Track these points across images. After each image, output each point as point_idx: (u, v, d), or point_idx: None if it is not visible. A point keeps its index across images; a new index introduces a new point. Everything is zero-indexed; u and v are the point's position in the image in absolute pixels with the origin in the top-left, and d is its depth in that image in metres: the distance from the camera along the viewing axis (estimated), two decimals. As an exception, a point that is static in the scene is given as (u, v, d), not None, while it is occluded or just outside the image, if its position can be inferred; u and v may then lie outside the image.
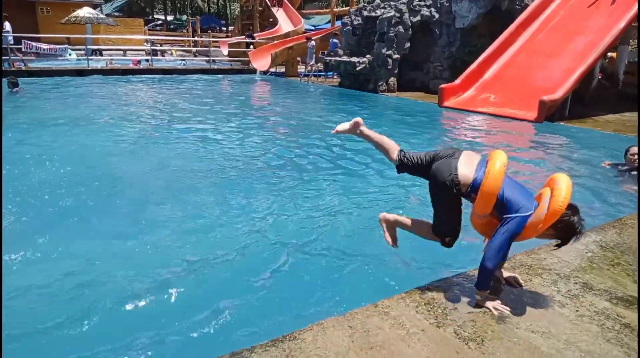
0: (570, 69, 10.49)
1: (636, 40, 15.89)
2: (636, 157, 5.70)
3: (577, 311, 2.43)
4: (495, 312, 2.38)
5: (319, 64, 18.94)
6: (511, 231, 2.36)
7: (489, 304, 2.43)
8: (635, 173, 5.65)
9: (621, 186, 5.48)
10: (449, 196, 2.54)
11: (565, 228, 2.34)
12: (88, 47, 20.49)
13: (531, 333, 2.23)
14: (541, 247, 3.20)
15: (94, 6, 29.11)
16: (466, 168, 2.52)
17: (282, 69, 21.23)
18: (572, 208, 2.34)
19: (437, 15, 14.49)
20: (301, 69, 20.39)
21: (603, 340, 2.20)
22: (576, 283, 2.72)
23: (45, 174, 5.43)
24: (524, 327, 2.27)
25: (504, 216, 2.39)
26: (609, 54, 13.87)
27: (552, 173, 6.16)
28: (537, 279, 2.75)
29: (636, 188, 5.29)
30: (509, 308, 2.41)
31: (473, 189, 2.47)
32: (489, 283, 2.45)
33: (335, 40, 18.88)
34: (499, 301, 2.45)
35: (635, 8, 10.75)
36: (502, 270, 2.71)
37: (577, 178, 5.87)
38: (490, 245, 2.40)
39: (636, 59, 14.72)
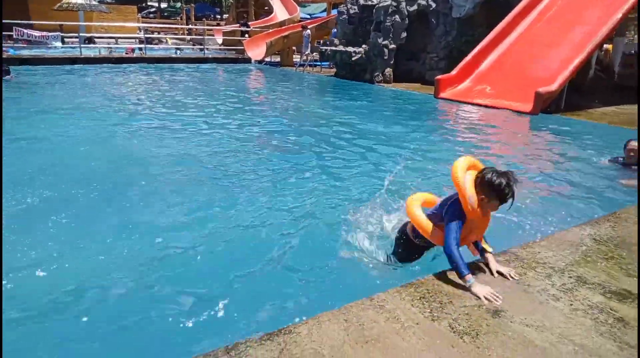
0: (568, 60, 10.46)
1: (632, 32, 15.88)
2: (633, 151, 5.67)
3: (571, 305, 2.44)
4: (486, 302, 2.39)
5: (314, 53, 18.81)
6: (453, 216, 2.61)
7: (481, 293, 2.44)
8: (635, 167, 5.61)
9: (617, 180, 5.48)
10: (403, 243, 3.13)
11: (487, 188, 2.55)
12: (80, 34, 20.21)
13: (526, 327, 2.23)
14: (536, 241, 3.21)
15: (87, -8, 28.70)
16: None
17: (277, 59, 21.09)
18: (485, 169, 2.62)
19: (434, 5, 14.39)
20: (296, 58, 20.26)
21: (596, 333, 2.21)
22: (570, 276, 2.73)
23: (40, 165, 5.38)
24: (519, 321, 2.28)
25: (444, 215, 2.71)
26: (605, 45, 13.86)
27: (545, 165, 6.17)
28: (531, 273, 2.76)
29: (634, 182, 5.29)
30: (501, 298, 2.42)
31: (416, 233, 2.97)
32: (461, 267, 2.51)
33: (335, 30, 18.74)
34: (491, 290, 2.46)
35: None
36: (497, 263, 2.73)
37: (571, 171, 5.89)
38: (445, 234, 2.63)
39: (632, 52, 14.72)
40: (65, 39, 20.32)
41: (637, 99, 10.12)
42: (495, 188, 2.50)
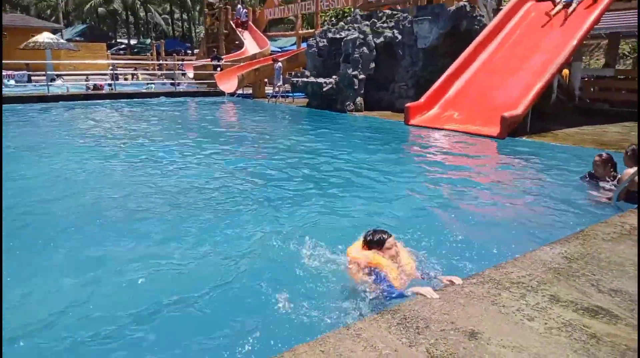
0: (529, 85, 10.89)
1: (587, 57, 16.73)
2: (596, 164, 5.85)
3: (545, 324, 2.46)
4: (428, 296, 2.70)
5: (286, 85, 19.05)
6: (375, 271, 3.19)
7: (423, 291, 2.75)
8: (606, 184, 5.77)
9: (586, 196, 5.63)
10: None
11: (369, 244, 3.31)
12: (48, 73, 20.00)
13: (502, 348, 2.23)
14: (508, 261, 3.25)
15: (54, 31, 28.68)
16: None
17: (250, 91, 21.27)
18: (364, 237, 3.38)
19: (399, 37, 14.86)
20: (269, 90, 20.48)
21: (571, 351, 2.23)
22: (544, 295, 2.76)
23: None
24: (495, 343, 2.28)
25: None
26: (563, 70, 14.52)
27: (514, 185, 6.30)
28: (505, 293, 2.78)
29: (601, 197, 5.45)
30: (437, 296, 2.70)
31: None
32: (395, 294, 2.93)
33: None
34: (430, 289, 2.77)
35: (585, 27, 11.34)
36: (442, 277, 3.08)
37: (540, 190, 6.04)
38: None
39: (589, 75, 15.46)
40: (33, 78, 20.05)
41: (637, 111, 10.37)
42: (368, 241, 3.32)
